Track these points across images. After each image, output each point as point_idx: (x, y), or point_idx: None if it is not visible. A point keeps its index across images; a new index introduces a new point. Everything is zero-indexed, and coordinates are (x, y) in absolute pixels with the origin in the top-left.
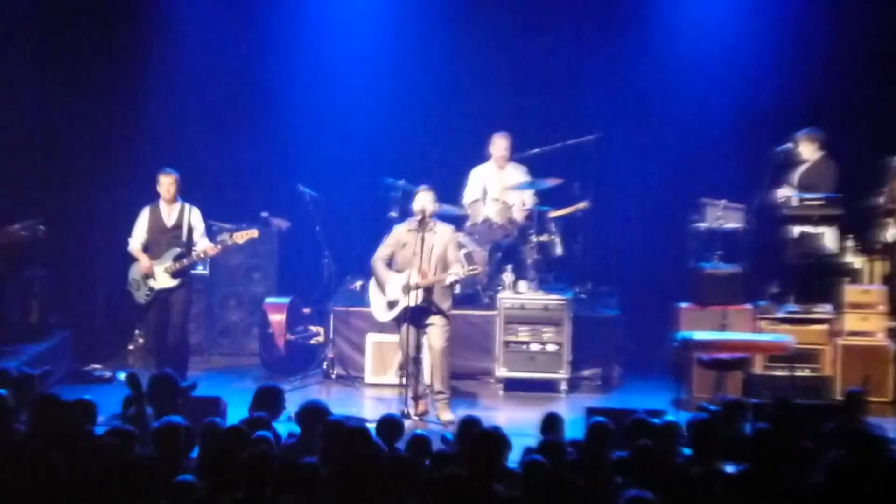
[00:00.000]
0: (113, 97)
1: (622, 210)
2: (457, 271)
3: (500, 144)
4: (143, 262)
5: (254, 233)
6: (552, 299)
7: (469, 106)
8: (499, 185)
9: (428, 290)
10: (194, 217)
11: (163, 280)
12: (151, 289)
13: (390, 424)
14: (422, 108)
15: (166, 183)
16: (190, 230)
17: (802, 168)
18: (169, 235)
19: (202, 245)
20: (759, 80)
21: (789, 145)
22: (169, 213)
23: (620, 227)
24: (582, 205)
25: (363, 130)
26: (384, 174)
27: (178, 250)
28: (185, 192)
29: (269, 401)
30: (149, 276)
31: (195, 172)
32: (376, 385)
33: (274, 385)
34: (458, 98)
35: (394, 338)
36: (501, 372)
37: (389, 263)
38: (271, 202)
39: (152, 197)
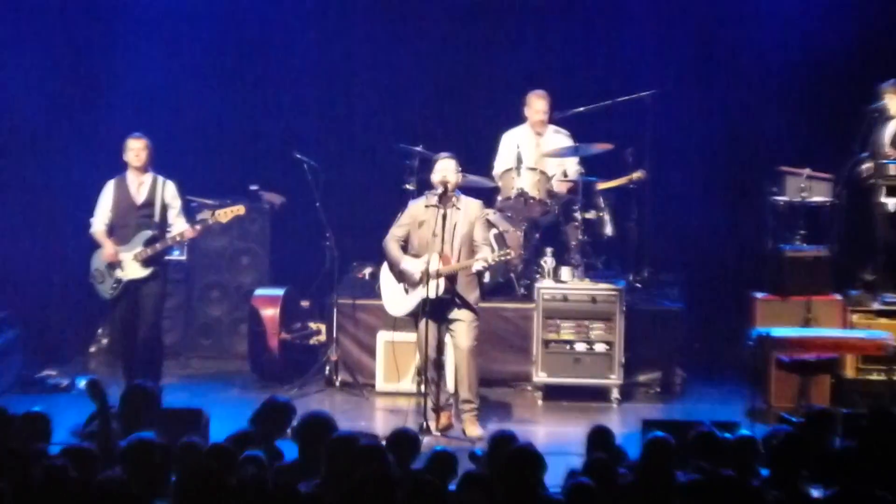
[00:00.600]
0: (71, 53)
1: (684, 181)
2: (485, 256)
3: (537, 104)
4: (108, 248)
5: (240, 209)
6: (601, 289)
7: (499, 58)
8: (536, 152)
9: (451, 279)
10: (168, 192)
11: (132, 269)
12: (119, 280)
13: (404, 440)
14: (442, 61)
15: (136, 148)
16: (164, 208)
17: (893, 126)
18: (138, 214)
19: (178, 226)
20: (838, 22)
21: (883, 101)
22: (138, 188)
23: (682, 202)
24: (636, 175)
25: (373, 88)
26: (398, 139)
27: (149, 233)
28: (159, 163)
29: (275, 421)
30: (115, 265)
31: (170, 138)
32: (389, 394)
33: (281, 400)
34: (486, 49)
35: (410, 336)
36: (540, 377)
37: (405, 247)
38: (262, 173)
39: (119, 168)
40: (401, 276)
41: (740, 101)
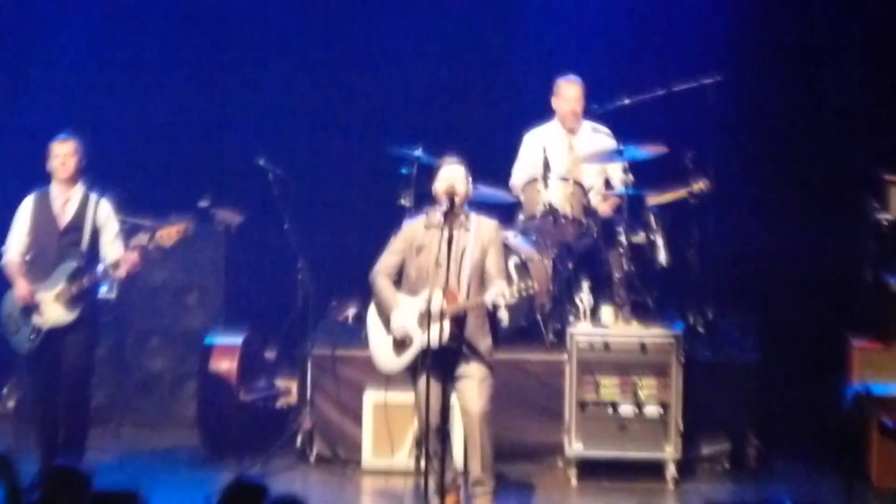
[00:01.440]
0: None
1: (759, 193)
2: (503, 291)
3: (568, 92)
4: (21, 287)
5: (184, 227)
6: (653, 335)
7: (519, 36)
8: (568, 157)
9: (458, 322)
10: (102, 212)
11: (53, 313)
12: (37, 329)
13: None
14: (446, 40)
15: (62, 154)
16: (94, 232)
17: None
18: (61, 242)
19: (113, 253)
20: None
21: None
22: (64, 206)
23: (757, 220)
24: (698, 185)
25: (358, 76)
26: (389, 141)
27: (74, 264)
28: (90, 176)
29: None
30: (31, 308)
31: (97, 142)
32: (380, 472)
33: (250, 481)
34: (501, 24)
35: (407, 397)
36: (574, 449)
37: (399, 280)
38: (215, 185)
39: (40, 180)
40: (395, 317)
41: (831, 91)
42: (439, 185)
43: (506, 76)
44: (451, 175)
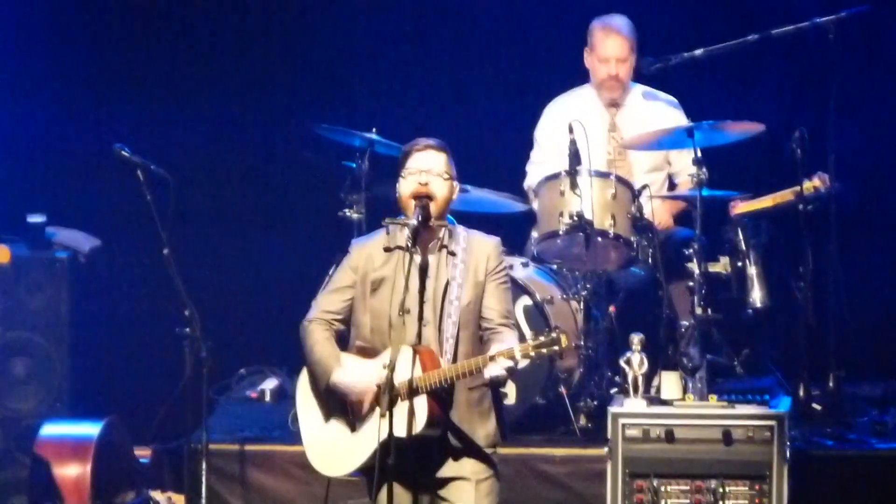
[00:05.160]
0: None
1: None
2: (510, 349)
3: (608, 45)
4: None
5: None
6: (744, 416)
7: None
8: (609, 141)
9: (439, 399)
10: None
11: None
12: None
13: None
14: None
15: None
16: None
17: None
18: None
19: None
20: None
21: None
22: None
23: None
24: (811, 184)
25: (282, 33)
26: (322, 119)
27: None
28: None
29: None
30: None
31: None
32: None
33: None
34: None
35: None
36: None
37: (345, 334)
38: (55, 192)
39: None
40: (336, 378)
41: None
42: (405, 185)
43: (509, 19)
44: (426, 164)
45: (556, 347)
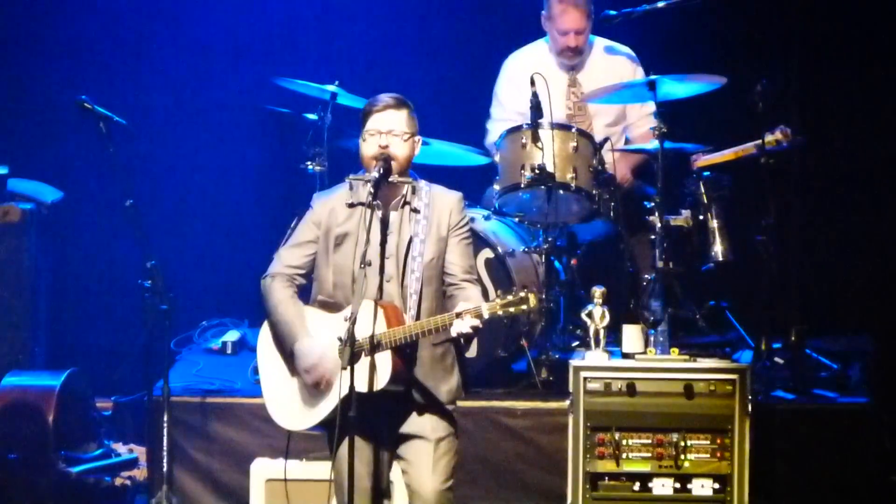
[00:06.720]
0: None
1: (867, 148)
2: (474, 306)
3: (568, 18)
4: None
5: None
6: (704, 370)
7: None
8: (569, 94)
9: (403, 354)
10: None
11: None
12: None
13: None
14: None
15: None
16: None
17: None
18: None
19: None
20: None
21: None
22: None
23: (862, 190)
24: (772, 137)
25: None
26: (282, 72)
27: None
28: None
29: None
30: None
31: None
32: None
33: None
34: None
35: (319, 470)
36: None
37: (307, 289)
38: (15, 141)
39: None
40: (300, 350)
41: None
42: (366, 147)
43: None
44: (388, 121)
45: (524, 307)
